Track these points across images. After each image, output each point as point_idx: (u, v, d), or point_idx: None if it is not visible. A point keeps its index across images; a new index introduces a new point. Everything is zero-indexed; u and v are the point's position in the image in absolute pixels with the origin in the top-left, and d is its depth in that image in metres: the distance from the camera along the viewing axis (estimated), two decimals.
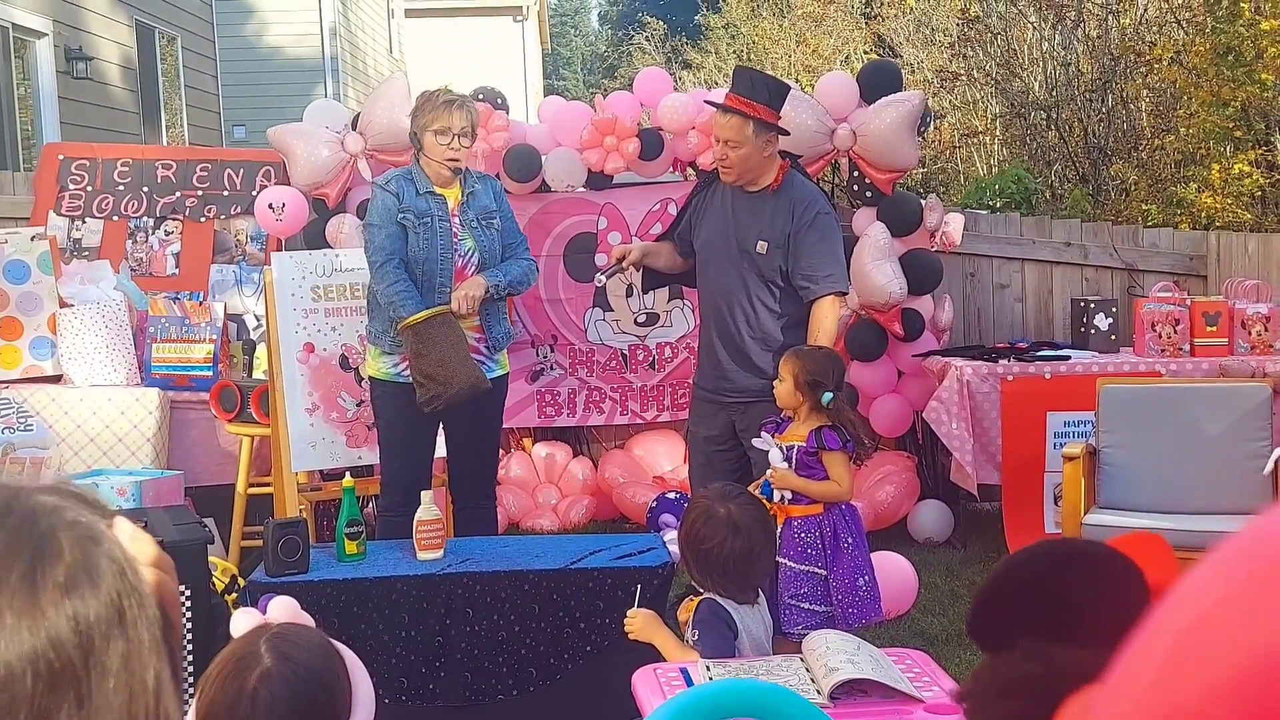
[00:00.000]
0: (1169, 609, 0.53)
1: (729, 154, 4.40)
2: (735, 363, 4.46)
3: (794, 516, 3.76)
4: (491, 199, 4.68)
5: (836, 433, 3.77)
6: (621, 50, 29.24)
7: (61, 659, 0.77)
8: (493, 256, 4.59)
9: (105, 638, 0.79)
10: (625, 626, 3.15)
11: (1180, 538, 4.46)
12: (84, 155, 6.66)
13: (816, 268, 4.40)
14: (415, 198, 4.51)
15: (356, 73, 17.29)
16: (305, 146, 6.06)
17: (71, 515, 0.83)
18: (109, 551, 0.83)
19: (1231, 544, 0.53)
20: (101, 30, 11.13)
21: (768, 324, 4.42)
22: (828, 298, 4.41)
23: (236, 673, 1.93)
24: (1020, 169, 9.18)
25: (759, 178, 4.45)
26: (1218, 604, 0.50)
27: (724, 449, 4.51)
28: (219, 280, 6.40)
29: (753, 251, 4.44)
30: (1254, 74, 7.56)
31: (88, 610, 0.79)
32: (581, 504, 6.40)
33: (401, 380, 4.55)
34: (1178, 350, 5.80)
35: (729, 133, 4.39)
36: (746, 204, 4.48)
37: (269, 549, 3.86)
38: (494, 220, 4.63)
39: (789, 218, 4.41)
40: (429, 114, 4.50)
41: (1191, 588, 0.53)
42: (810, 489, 3.76)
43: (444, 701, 3.92)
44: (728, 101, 4.43)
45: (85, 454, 5.57)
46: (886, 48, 13.91)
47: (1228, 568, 0.52)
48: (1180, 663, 0.50)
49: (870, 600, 3.76)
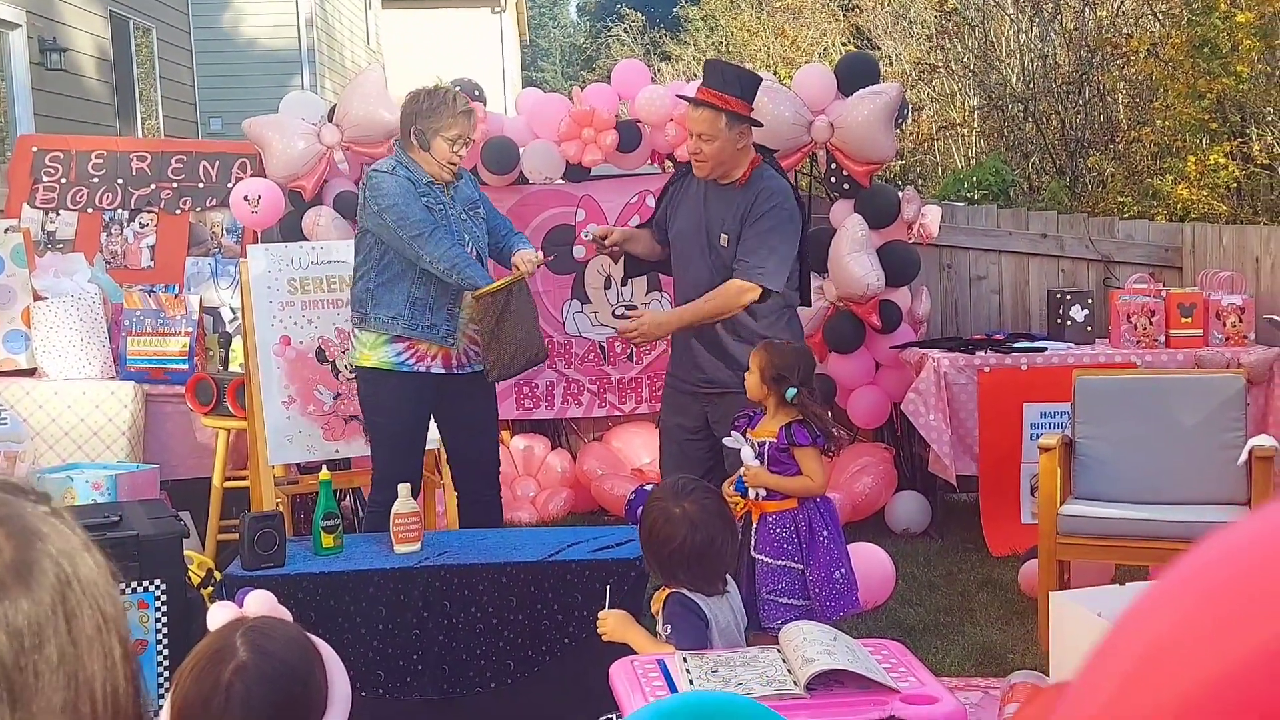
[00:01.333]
0: (1125, 630, 0.53)
1: (702, 147, 4.39)
2: (708, 354, 4.46)
3: (769, 512, 3.76)
4: (473, 189, 4.72)
5: (806, 428, 3.77)
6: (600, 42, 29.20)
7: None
8: (482, 247, 4.62)
9: (38, 637, 0.78)
10: (598, 629, 3.15)
11: (1155, 528, 4.49)
12: (58, 147, 6.62)
13: (748, 253, 4.36)
14: (424, 185, 4.51)
15: (333, 64, 17.21)
16: (281, 138, 6.03)
17: (5, 511, 0.81)
18: (49, 548, 0.81)
19: (1185, 565, 0.53)
20: (76, 21, 11.04)
21: (740, 316, 4.42)
22: (741, 281, 4.35)
23: (211, 665, 1.92)
24: (997, 161, 9.21)
25: (732, 170, 4.45)
26: (1175, 626, 0.50)
27: (696, 439, 4.51)
28: (194, 273, 6.37)
29: (719, 244, 4.44)
30: (1229, 67, 7.60)
31: (17, 612, 0.77)
32: (560, 496, 6.40)
33: (405, 370, 4.53)
34: (1153, 341, 5.83)
35: (702, 126, 4.38)
36: (717, 196, 4.48)
37: (245, 542, 3.84)
38: (478, 210, 4.67)
39: (748, 210, 4.40)
40: (446, 119, 4.46)
41: (1146, 609, 0.53)
42: (784, 485, 3.76)
43: (421, 695, 3.91)
44: (700, 95, 4.42)
45: (60, 448, 5.54)
46: (864, 40, 13.92)
47: (1183, 589, 0.52)
48: (1138, 684, 0.50)
49: (848, 592, 3.76)
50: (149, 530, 3.69)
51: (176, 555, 3.73)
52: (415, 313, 4.50)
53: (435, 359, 4.55)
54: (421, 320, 4.50)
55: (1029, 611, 4.77)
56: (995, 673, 4.27)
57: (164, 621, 3.61)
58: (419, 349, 4.54)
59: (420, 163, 4.52)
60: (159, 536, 3.68)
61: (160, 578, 3.62)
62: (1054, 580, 4.54)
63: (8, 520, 0.80)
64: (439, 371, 4.56)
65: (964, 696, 2.80)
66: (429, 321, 4.50)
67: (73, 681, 0.79)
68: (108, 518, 3.72)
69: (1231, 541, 0.52)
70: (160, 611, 3.61)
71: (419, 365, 4.54)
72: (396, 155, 4.58)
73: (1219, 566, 0.51)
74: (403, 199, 4.42)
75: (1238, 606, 0.48)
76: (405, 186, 4.45)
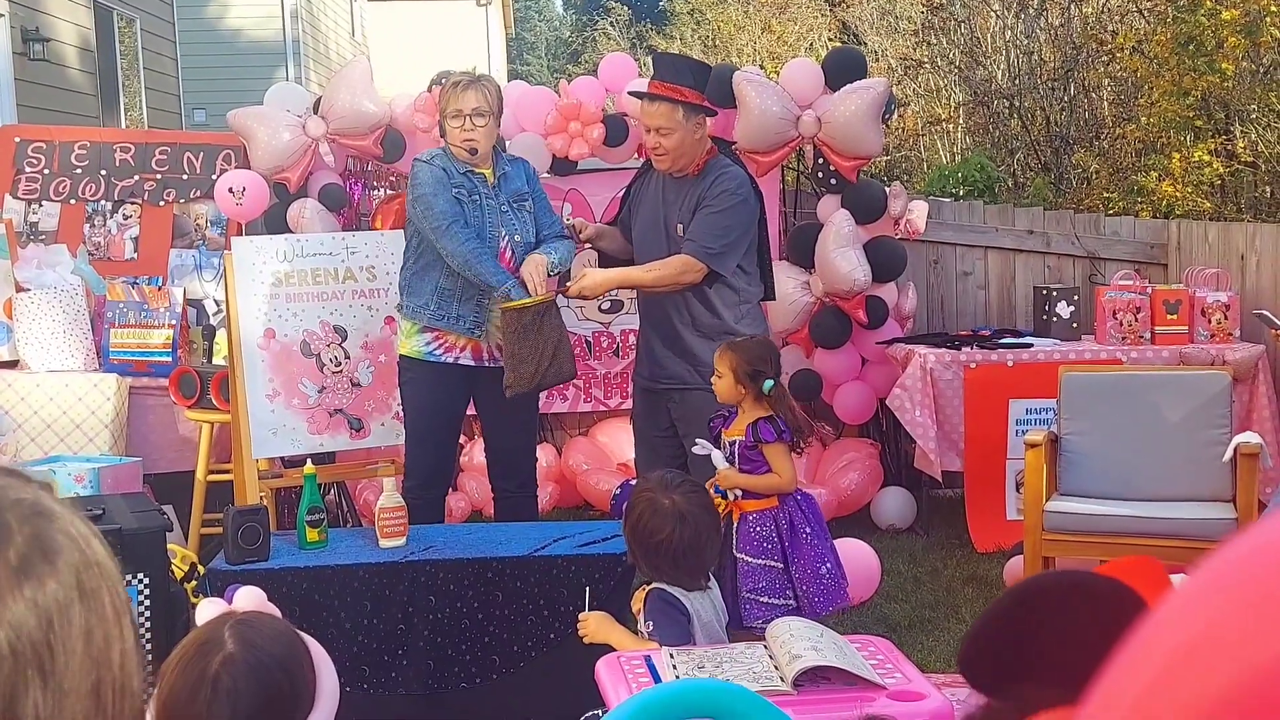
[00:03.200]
0: (1161, 624, 0.52)
1: (661, 141, 4.36)
2: (668, 349, 4.43)
3: (749, 511, 3.73)
4: (524, 182, 4.68)
5: (772, 424, 3.75)
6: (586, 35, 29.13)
7: (23, 640, 0.75)
8: (524, 238, 4.58)
9: (66, 615, 0.78)
10: (579, 631, 3.13)
11: (1141, 524, 4.50)
12: (41, 138, 6.57)
13: (697, 234, 4.32)
14: (460, 175, 4.52)
15: (318, 56, 17.15)
16: (266, 130, 6.00)
17: (15, 494, 0.80)
18: (64, 527, 0.81)
19: (1223, 557, 0.52)
20: (59, 11, 10.97)
21: (697, 310, 4.39)
22: (688, 258, 4.30)
23: (198, 658, 1.91)
24: (983, 157, 9.22)
25: (690, 163, 4.43)
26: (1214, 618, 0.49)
27: (665, 436, 4.48)
28: (178, 265, 6.34)
29: (675, 235, 4.42)
30: (1214, 63, 7.61)
31: (45, 591, 0.77)
32: (545, 491, 6.38)
33: (432, 360, 4.55)
34: (1139, 338, 5.84)
35: (660, 120, 4.35)
36: (673, 188, 4.46)
37: (229, 536, 3.82)
38: (525, 203, 4.63)
39: (701, 196, 4.37)
40: (444, 99, 4.56)
41: (1184, 602, 0.52)
42: (754, 484, 3.74)
43: (407, 690, 3.90)
44: (653, 89, 4.40)
45: (42, 440, 5.50)
46: (851, 35, 13.92)
47: (1223, 581, 0.51)
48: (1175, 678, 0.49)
49: (835, 588, 3.76)
50: (132, 524, 3.67)
51: (160, 549, 3.71)
52: (442, 303, 4.53)
53: (464, 350, 4.55)
54: (449, 311, 4.52)
55: None
56: None
57: (147, 616, 3.59)
58: (447, 340, 4.55)
59: (452, 152, 4.55)
60: (142, 530, 3.66)
61: (143, 572, 3.60)
62: None
63: (18, 505, 0.80)
64: (467, 363, 4.56)
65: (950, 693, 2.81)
66: (456, 313, 4.52)
67: (97, 664, 0.79)
68: (90, 511, 3.69)
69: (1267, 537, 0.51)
70: (143, 606, 3.59)
71: (446, 356, 4.56)
72: (444, 146, 4.64)
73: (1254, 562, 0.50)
74: (431, 189, 4.46)
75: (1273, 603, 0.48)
76: (438, 176, 4.49)
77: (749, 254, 4.43)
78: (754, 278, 4.48)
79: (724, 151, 4.56)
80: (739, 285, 4.40)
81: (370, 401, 5.12)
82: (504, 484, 4.74)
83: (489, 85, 4.61)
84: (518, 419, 4.66)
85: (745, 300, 4.44)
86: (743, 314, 4.40)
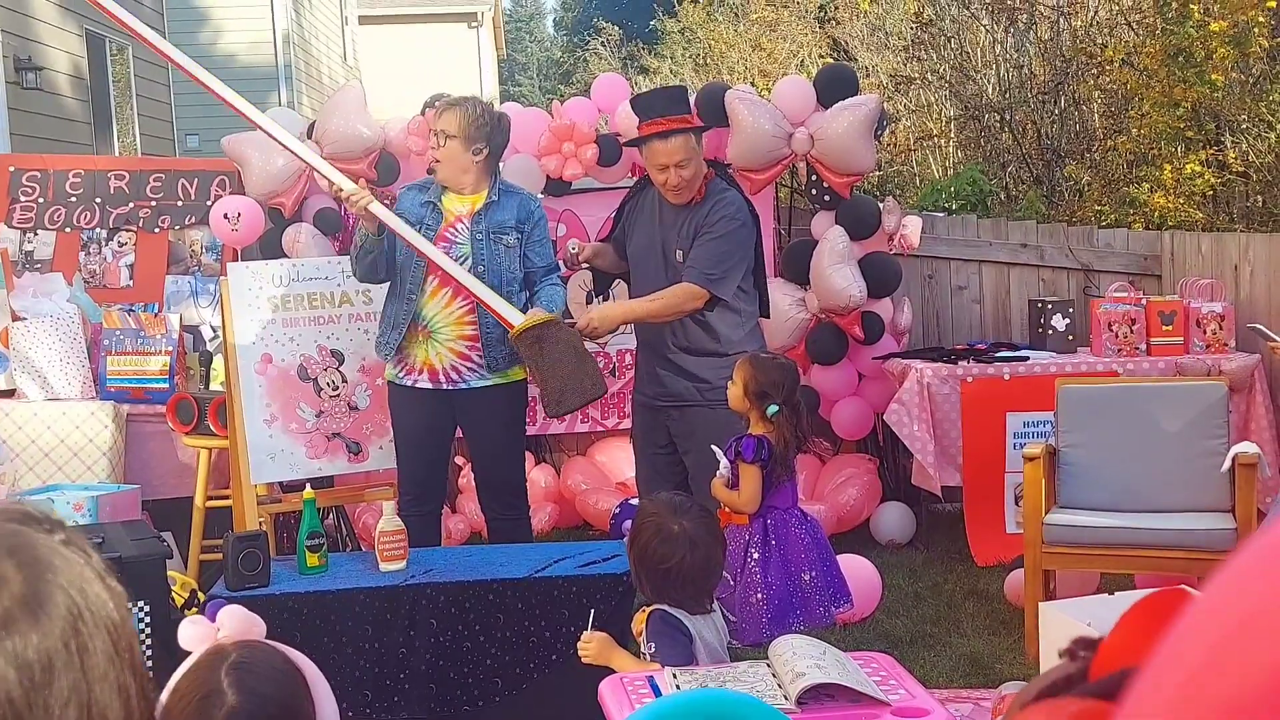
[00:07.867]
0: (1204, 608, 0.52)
1: (682, 175, 4.33)
2: (666, 369, 4.44)
3: (726, 524, 3.77)
4: (513, 215, 4.55)
5: (757, 444, 3.76)
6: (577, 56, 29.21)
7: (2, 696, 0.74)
8: (494, 272, 4.48)
9: (49, 671, 0.76)
10: (580, 652, 3.12)
11: (1141, 535, 4.50)
12: (35, 166, 6.58)
13: (698, 260, 4.34)
14: (414, 205, 4.55)
15: (311, 80, 17.18)
16: (260, 155, 6.00)
17: (14, 541, 0.80)
18: (60, 580, 0.80)
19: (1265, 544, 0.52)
20: (51, 40, 10.99)
21: (694, 331, 4.40)
22: (691, 285, 4.32)
23: (201, 712, 1.89)
24: (975, 171, 9.23)
25: (696, 188, 4.44)
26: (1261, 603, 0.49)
27: (665, 453, 4.49)
28: (174, 291, 6.34)
29: (674, 260, 4.43)
30: (1204, 75, 7.64)
31: (27, 647, 0.76)
32: (544, 511, 6.38)
33: (400, 384, 4.59)
34: (1134, 350, 5.85)
35: (681, 154, 4.30)
36: (672, 213, 4.47)
37: (229, 562, 3.81)
38: (506, 237, 4.53)
39: (701, 222, 4.38)
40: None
41: (1227, 587, 0.52)
42: (717, 494, 3.80)
43: (409, 714, 3.88)
44: (666, 125, 4.33)
45: (40, 469, 5.50)
46: (841, 51, 13.96)
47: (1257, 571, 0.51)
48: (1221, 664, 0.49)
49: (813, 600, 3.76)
50: (131, 551, 3.67)
51: (160, 576, 3.71)
52: (384, 327, 4.61)
53: (421, 373, 4.55)
54: (389, 336, 4.57)
55: (1015, 621, 4.77)
56: (983, 683, 4.27)
57: (148, 644, 3.58)
58: (407, 363, 4.56)
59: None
60: (141, 558, 3.65)
61: (143, 599, 3.59)
62: (1040, 590, 4.54)
63: (19, 551, 0.79)
64: (425, 386, 4.55)
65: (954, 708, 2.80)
66: (388, 339, 4.59)
67: (85, 715, 0.78)
68: (90, 539, 3.68)
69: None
70: (144, 634, 3.58)
71: (408, 379, 4.58)
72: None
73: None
74: (395, 210, 4.54)
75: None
76: (408, 198, 4.58)
77: (747, 274, 4.45)
78: (753, 296, 4.50)
79: (720, 175, 4.57)
80: (739, 305, 4.42)
81: (368, 425, 5.12)
82: (490, 506, 4.73)
83: (469, 108, 4.51)
84: (496, 443, 4.65)
85: (747, 319, 4.47)
86: (744, 332, 4.43)
